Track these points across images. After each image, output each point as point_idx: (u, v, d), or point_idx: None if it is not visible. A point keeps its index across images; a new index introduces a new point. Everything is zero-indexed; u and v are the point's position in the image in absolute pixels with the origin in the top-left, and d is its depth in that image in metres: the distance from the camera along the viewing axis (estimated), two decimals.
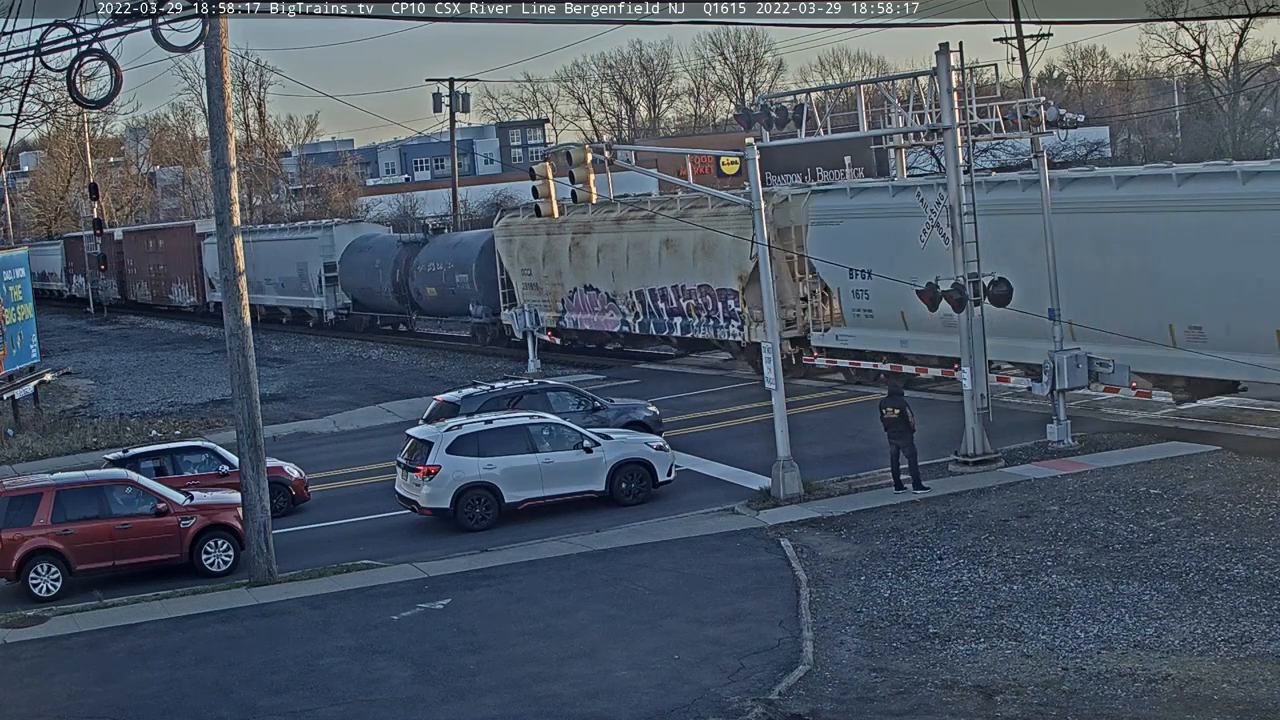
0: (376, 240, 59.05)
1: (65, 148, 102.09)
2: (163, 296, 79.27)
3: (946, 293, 26.03)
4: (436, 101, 68.76)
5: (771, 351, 25.56)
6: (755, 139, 27.24)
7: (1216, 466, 24.49)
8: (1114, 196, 28.47)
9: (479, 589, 21.29)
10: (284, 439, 35.74)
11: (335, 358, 54.08)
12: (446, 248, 53.20)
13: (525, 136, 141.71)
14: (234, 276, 23.21)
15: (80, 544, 23.37)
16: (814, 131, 29.01)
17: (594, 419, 29.28)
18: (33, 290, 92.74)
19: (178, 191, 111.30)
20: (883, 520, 23.12)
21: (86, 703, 17.73)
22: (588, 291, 44.43)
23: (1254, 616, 17.29)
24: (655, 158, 58.67)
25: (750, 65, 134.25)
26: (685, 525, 24.16)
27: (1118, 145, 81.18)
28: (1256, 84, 70.35)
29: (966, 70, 27.08)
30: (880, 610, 18.77)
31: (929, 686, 15.93)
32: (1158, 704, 14.95)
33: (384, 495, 27.69)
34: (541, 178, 25.66)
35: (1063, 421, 27.05)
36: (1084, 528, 21.57)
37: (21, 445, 37.06)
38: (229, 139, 23.06)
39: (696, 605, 19.55)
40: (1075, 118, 28.40)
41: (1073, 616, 17.84)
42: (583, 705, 16.18)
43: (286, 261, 63.37)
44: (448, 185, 78.35)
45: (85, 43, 19.04)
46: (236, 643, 19.70)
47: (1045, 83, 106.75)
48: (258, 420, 23.20)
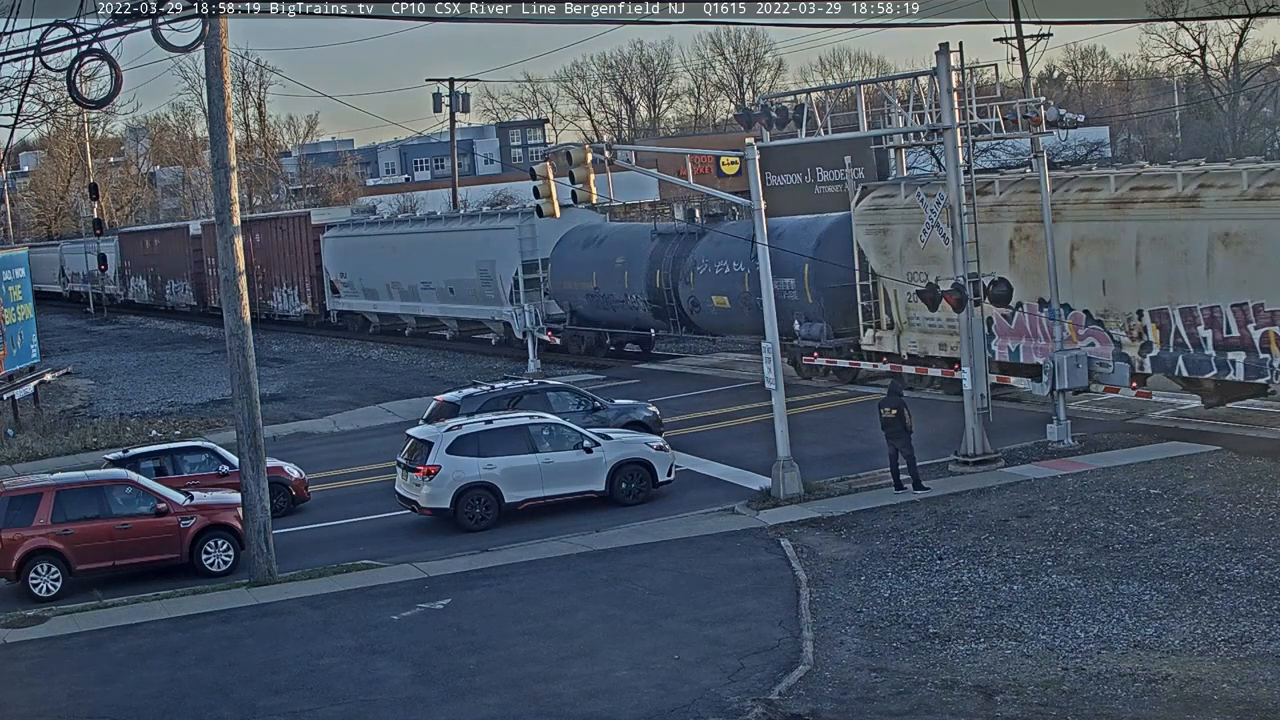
0: (610, 231, 46.61)
1: (65, 148, 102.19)
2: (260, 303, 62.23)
3: (946, 293, 26.04)
4: (436, 101, 68.78)
5: (771, 351, 25.55)
6: (755, 139, 27.25)
7: (1216, 466, 24.49)
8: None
9: (479, 589, 21.29)
10: (284, 439, 35.73)
11: (335, 358, 54.09)
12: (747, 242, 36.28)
13: (525, 136, 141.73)
14: (234, 276, 23.23)
15: (80, 544, 23.37)
16: (814, 131, 29.04)
17: (594, 419, 29.27)
18: (75, 294, 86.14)
19: (178, 191, 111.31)
20: (883, 520, 23.12)
21: (86, 703, 17.73)
22: (1043, 309, 29.44)
23: (1254, 616, 17.29)
24: (655, 158, 58.63)
25: (750, 65, 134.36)
26: (685, 525, 24.16)
27: (1118, 145, 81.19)
28: (1256, 84, 70.35)
29: (966, 70, 27.11)
30: (880, 610, 18.77)
31: (929, 686, 15.93)
32: (1158, 704, 14.95)
33: (384, 495, 27.68)
34: (542, 177, 25.66)
35: (1063, 421, 27.05)
36: (1084, 528, 21.57)
37: (21, 445, 37.05)
38: (229, 139, 23.06)
39: (696, 605, 19.55)
40: (1075, 118, 28.42)
41: (1073, 616, 17.84)
42: (583, 705, 16.18)
43: (459, 260, 50.19)
44: (448, 185, 78.38)
45: (85, 43, 19.05)
46: (236, 643, 19.70)
47: (1045, 83, 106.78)
48: (258, 420, 23.20)
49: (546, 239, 46.17)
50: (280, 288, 64.46)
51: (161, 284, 78.91)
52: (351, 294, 58.99)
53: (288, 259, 63.34)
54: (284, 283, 64.13)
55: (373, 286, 57.41)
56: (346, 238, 59.47)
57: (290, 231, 63.34)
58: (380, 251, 56.06)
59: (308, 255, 61.35)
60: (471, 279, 49.51)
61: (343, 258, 59.18)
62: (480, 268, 48.76)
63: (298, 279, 62.80)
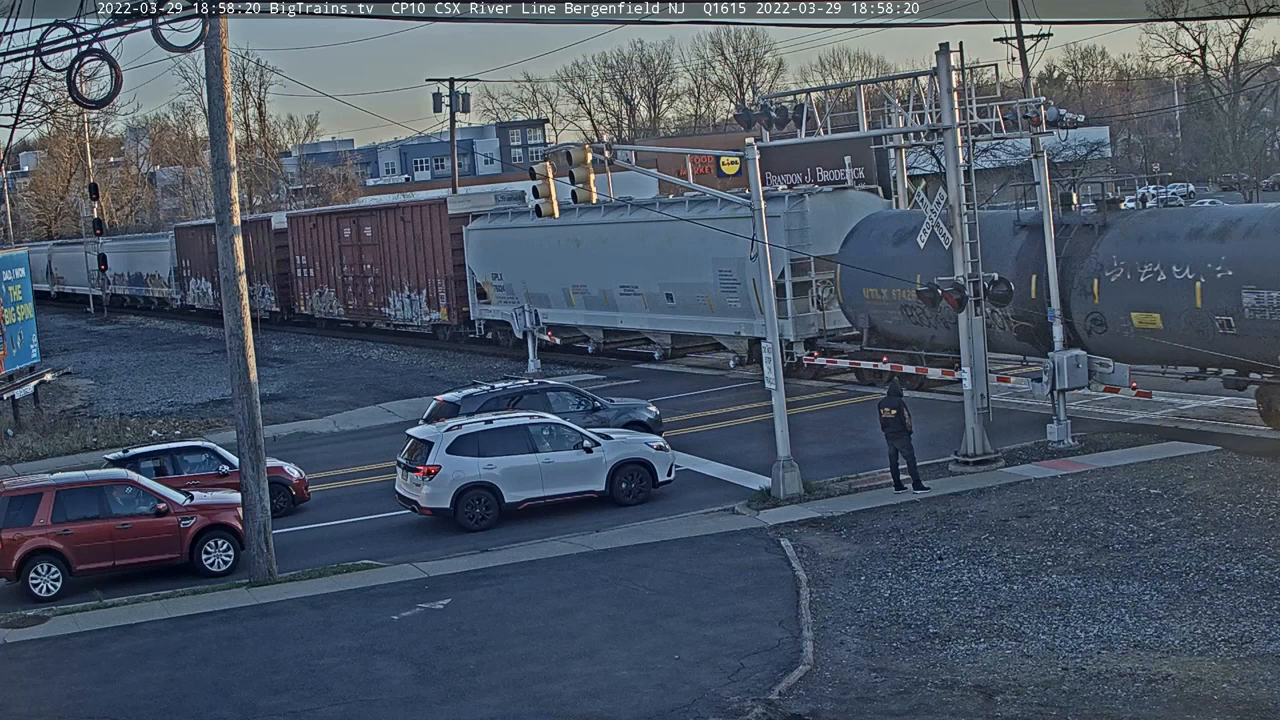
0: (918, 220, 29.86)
1: (65, 148, 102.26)
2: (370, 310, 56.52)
3: (947, 292, 26.05)
4: (436, 101, 68.86)
5: (771, 351, 25.55)
6: (755, 139, 27.24)
7: (1216, 466, 24.49)
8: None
9: (479, 589, 21.29)
10: (284, 439, 35.73)
11: (335, 358, 54.04)
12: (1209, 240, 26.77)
13: (525, 136, 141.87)
14: (234, 276, 23.24)
15: (80, 544, 23.37)
16: (814, 131, 29.04)
17: (594, 419, 29.29)
18: (123, 298, 77.24)
19: (178, 191, 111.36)
20: (883, 520, 23.12)
21: (86, 703, 17.72)
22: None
23: (1254, 616, 17.29)
24: (655, 158, 58.61)
25: (750, 65, 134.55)
26: (685, 525, 24.16)
27: (1118, 145, 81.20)
28: (1256, 84, 70.39)
29: (966, 70, 27.14)
30: (880, 610, 18.77)
31: (929, 686, 15.93)
32: (1158, 704, 14.94)
33: (384, 495, 27.69)
34: (541, 177, 25.67)
35: (1063, 421, 27.06)
36: (1084, 528, 21.57)
37: (21, 445, 37.06)
38: (229, 139, 23.06)
39: (696, 605, 19.54)
40: (1075, 118, 28.46)
41: (1073, 616, 17.84)
42: (583, 705, 16.18)
43: (684, 258, 39.17)
44: (448, 185, 78.34)
45: (85, 43, 19.03)
46: (236, 643, 19.70)
47: (1045, 83, 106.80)
48: (258, 420, 23.20)
49: (824, 231, 36.14)
50: (400, 292, 53.97)
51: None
52: (507, 300, 48.01)
53: (413, 257, 52.87)
54: (406, 286, 53.74)
55: (541, 291, 46.09)
56: (502, 230, 48.67)
57: (417, 222, 52.30)
58: (554, 248, 45.26)
59: (442, 252, 51.08)
60: (704, 283, 38.68)
61: (496, 255, 48.79)
62: (720, 268, 37.96)
63: (426, 281, 52.26)
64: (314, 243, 60.42)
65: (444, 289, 51.31)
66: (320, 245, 59.89)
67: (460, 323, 51.12)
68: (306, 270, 61.46)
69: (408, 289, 53.61)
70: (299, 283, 62.18)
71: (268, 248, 64.03)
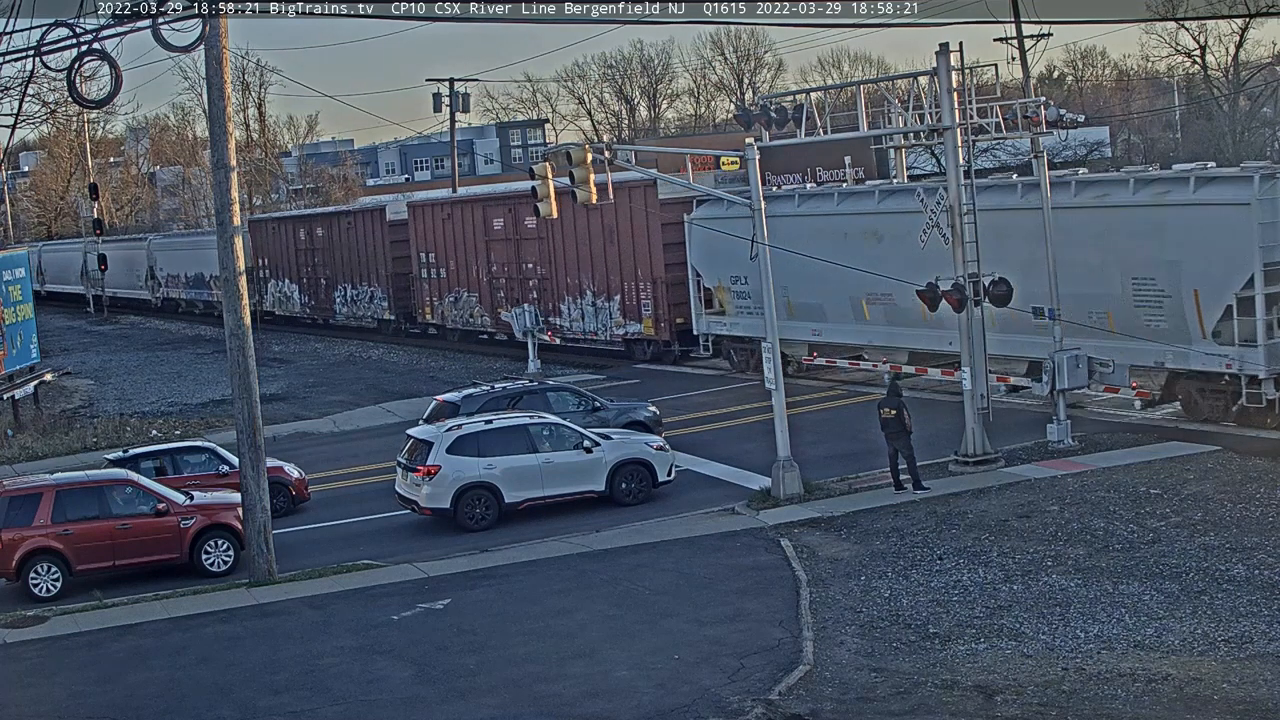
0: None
1: (65, 148, 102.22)
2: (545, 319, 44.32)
3: (947, 292, 26.04)
4: (436, 101, 68.83)
5: (771, 351, 25.55)
6: (755, 139, 27.24)
7: (1216, 466, 24.50)
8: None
9: (479, 589, 21.29)
10: (284, 439, 35.73)
11: (335, 358, 53.99)
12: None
13: (525, 136, 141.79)
14: (234, 276, 23.28)
15: (80, 544, 23.38)
16: (814, 131, 28.99)
17: (594, 419, 29.29)
18: (177, 302, 70.88)
19: (178, 191, 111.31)
20: (883, 520, 23.12)
21: (86, 703, 17.73)
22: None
23: (1254, 616, 17.30)
24: (655, 158, 58.63)
25: (750, 65, 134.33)
26: (685, 525, 24.16)
27: (1118, 145, 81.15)
28: (1256, 84, 70.32)
29: (966, 70, 27.10)
30: (880, 610, 18.77)
31: (929, 686, 15.93)
32: (1158, 704, 14.94)
33: (384, 495, 27.69)
34: (541, 177, 25.67)
35: (1063, 421, 27.06)
36: (1084, 528, 21.57)
37: (21, 445, 37.06)
38: (229, 139, 23.07)
39: (696, 605, 19.55)
40: (1075, 118, 28.41)
41: (1073, 616, 17.84)
42: (583, 705, 16.18)
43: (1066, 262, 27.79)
44: (448, 185, 78.34)
45: (85, 43, 19.05)
46: (236, 643, 19.70)
47: (1045, 83, 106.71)
48: (258, 420, 23.21)
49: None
50: (577, 298, 44.12)
51: (328, 290, 58.12)
52: (747, 311, 37.89)
53: (600, 254, 42.78)
54: (587, 290, 43.71)
55: (812, 301, 35.35)
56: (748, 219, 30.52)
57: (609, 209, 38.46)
58: (830, 240, 33.87)
59: (647, 248, 41.12)
60: (1110, 295, 28.49)
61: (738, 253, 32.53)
62: (1134, 274, 28.08)
63: (622, 285, 42.04)
64: (448, 236, 49.44)
65: (649, 294, 41.16)
66: (456, 239, 48.97)
67: (674, 338, 41.41)
68: (435, 270, 50.56)
69: (590, 294, 43.41)
70: (424, 285, 51.29)
71: (380, 242, 53.79)
